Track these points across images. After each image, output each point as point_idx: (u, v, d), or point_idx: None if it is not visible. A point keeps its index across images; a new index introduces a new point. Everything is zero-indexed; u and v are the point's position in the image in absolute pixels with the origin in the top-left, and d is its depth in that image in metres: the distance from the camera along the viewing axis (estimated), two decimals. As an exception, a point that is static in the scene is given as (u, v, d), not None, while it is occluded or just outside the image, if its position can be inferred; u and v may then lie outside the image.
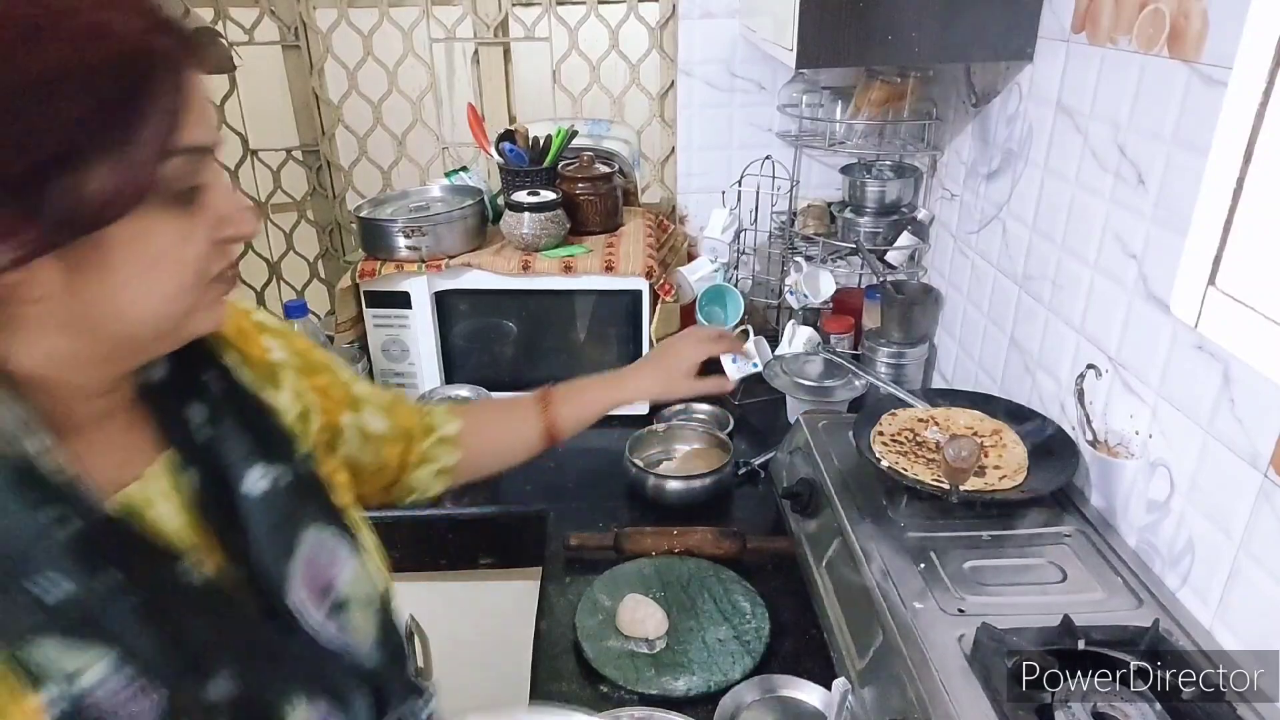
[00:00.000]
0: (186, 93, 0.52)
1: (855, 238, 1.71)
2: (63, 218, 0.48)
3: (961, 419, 1.24)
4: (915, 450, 1.18)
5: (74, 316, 0.52)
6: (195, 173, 0.54)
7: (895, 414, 1.26)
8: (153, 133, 0.50)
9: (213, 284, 0.58)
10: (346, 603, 0.67)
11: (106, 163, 0.48)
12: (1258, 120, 0.46)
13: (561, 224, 1.63)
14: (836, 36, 1.24)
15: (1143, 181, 1.01)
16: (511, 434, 1.04)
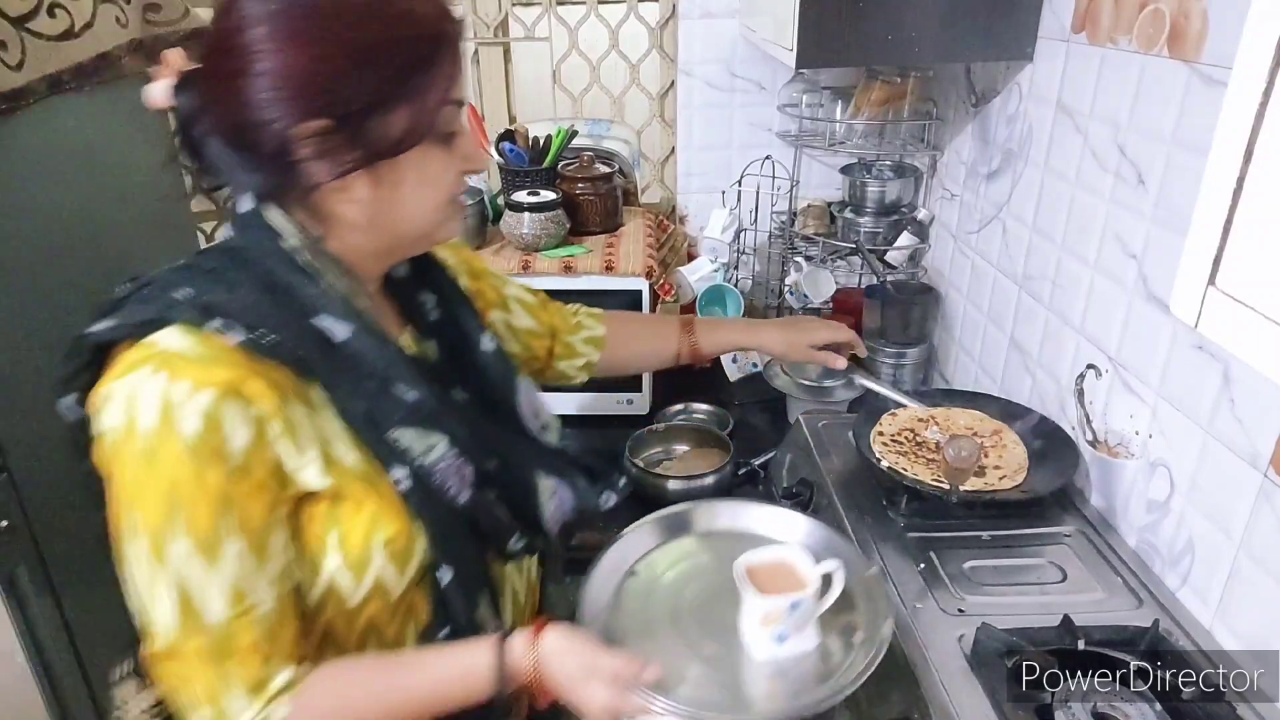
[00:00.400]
0: (457, 61, 0.73)
1: (855, 238, 1.71)
2: (374, 146, 0.69)
3: (962, 419, 1.24)
4: (915, 450, 1.17)
5: (372, 217, 0.74)
6: (456, 120, 0.75)
7: (895, 414, 1.25)
8: (437, 89, 0.71)
9: (453, 203, 0.79)
10: (549, 425, 0.94)
11: (406, 109, 0.69)
12: (1258, 120, 0.46)
13: (561, 224, 1.63)
14: (836, 36, 1.24)
15: (1143, 181, 1.01)
16: (653, 345, 1.21)
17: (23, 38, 1.12)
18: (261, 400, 0.68)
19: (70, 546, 1.23)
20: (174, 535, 0.67)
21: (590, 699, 0.76)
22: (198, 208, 1.89)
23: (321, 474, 0.72)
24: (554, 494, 0.87)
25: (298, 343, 0.71)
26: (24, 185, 1.17)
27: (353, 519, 0.73)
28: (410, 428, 0.74)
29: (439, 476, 0.75)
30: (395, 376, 0.75)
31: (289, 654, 0.72)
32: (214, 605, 0.68)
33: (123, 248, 1.37)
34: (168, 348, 0.67)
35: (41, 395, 1.19)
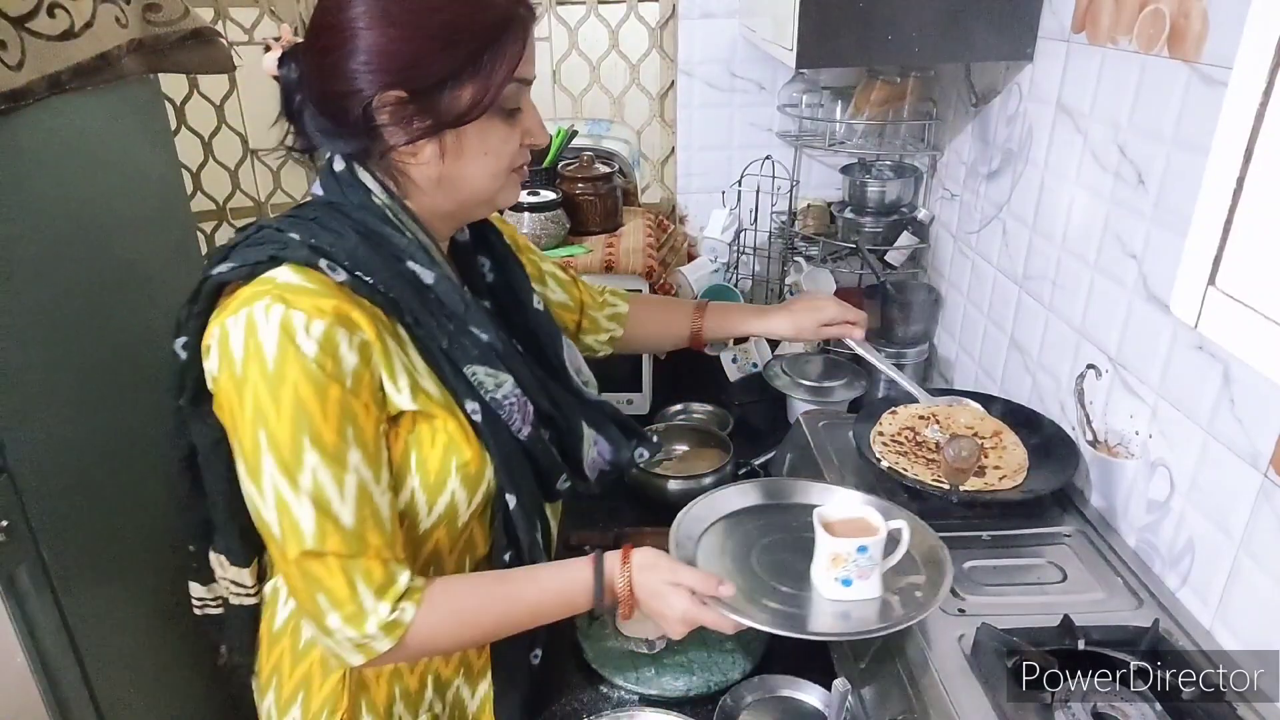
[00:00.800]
0: (526, 43, 0.80)
1: (855, 238, 1.71)
2: (442, 116, 0.78)
3: (962, 417, 1.23)
4: (915, 450, 1.17)
5: (440, 180, 0.83)
6: (520, 96, 0.83)
7: (895, 412, 1.24)
8: (504, 68, 0.78)
9: (513, 173, 0.87)
10: (589, 381, 1.03)
11: (473, 84, 0.78)
12: (1258, 120, 0.46)
13: (561, 224, 1.63)
14: (836, 36, 1.24)
15: (1143, 181, 1.01)
16: (666, 326, 1.26)
17: (22, 38, 1.12)
18: (365, 328, 0.77)
19: (70, 546, 1.23)
20: (305, 448, 0.74)
21: (671, 608, 0.86)
22: (198, 208, 1.90)
23: (410, 399, 0.80)
24: (595, 443, 0.97)
25: (392, 283, 0.80)
26: (24, 185, 1.17)
27: (432, 443, 0.82)
28: (483, 365, 0.84)
29: (506, 411, 0.85)
30: (471, 319, 0.85)
31: (402, 558, 0.81)
32: (344, 510, 0.76)
33: (123, 247, 1.37)
34: (286, 282, 0.76)
35: (42, 394, 1.19)
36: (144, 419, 1.40)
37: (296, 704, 0.93)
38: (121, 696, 1.34)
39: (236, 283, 0.78)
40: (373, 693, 0.92)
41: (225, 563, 0.94)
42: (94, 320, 1.29)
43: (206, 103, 1.87)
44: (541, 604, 0.87)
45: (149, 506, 1.41)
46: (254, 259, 0.77)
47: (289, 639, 0.94)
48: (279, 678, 0.94)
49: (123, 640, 1.36)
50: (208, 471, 0.87)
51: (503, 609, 0.86)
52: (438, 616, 0.81)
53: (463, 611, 0.84)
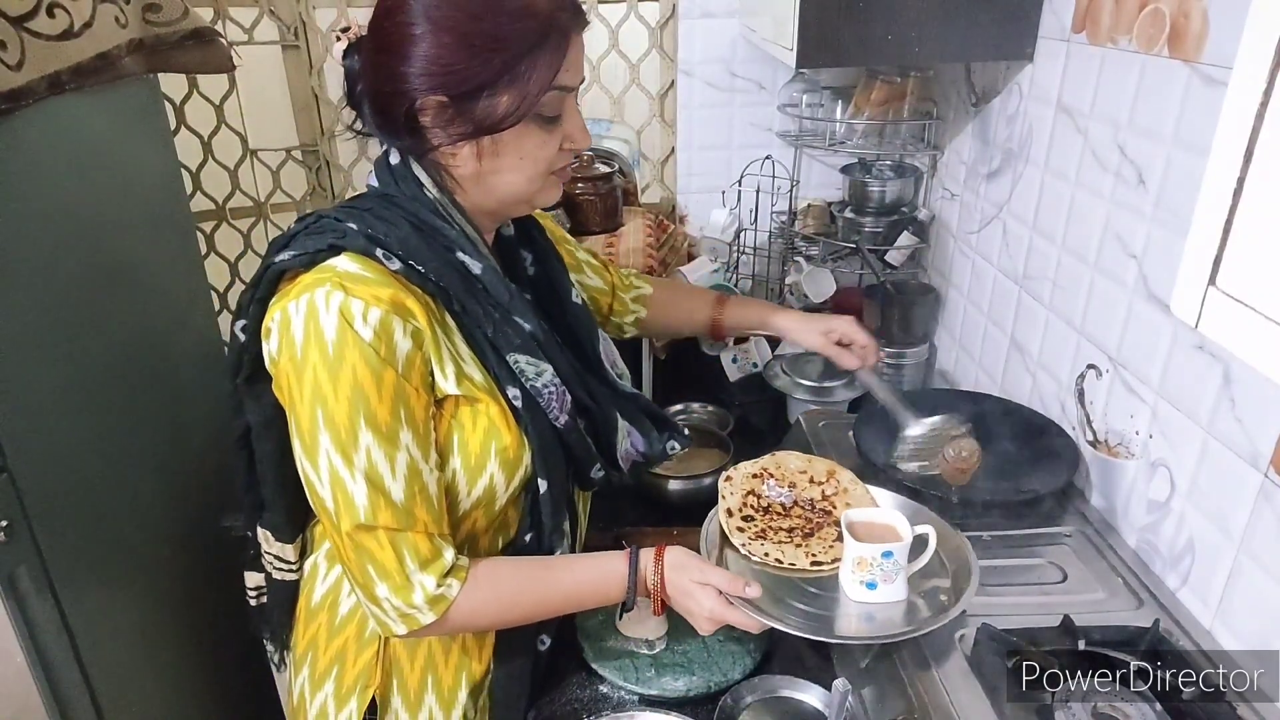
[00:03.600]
0: (566, 51, 0.81)
1: (855, 238, 1.71)
2: (480, 122, 0.81)
3: (791, 463, 1.13)
4: (769, 523, 1.03)
5: (478, 179, 0.86)
6: (560, 104, 0.84)
7: (730, 476, 1.11)
8: (540, 77, 0.80)
9: (553, 175, 0.89)
10: (623, 374, 1.06)
11: (510, 92, 0.80)
12: (1258, 120, 0.46)
13: (561, 224, 1.63)
14: (836, 36, 1.24)
15: (1143, 181, 1.01)
16: (687, 313, 1.29)
17: (22, 38, 1.12)
18: (418, 316, 0.81)
19: (70, 546, 1.23)
20: (360, 427, 0.78)
21: (699, 606, 0.88)
22: (197, 208, 1.89)
23: (455, 384, 0.84)
24: (628, 434, 1.00)
25: (442, 272, 0.84)
26: (23, 185, 1.17)
27: (474, 427, 0.85)
28: (525, 354, 0.87)
29: (545, 399, 0.88)
30: (515, 309, 0.88)
31: (447, 534, 0.84)
32: (395, 487, 0.80)
33: (123, 248, 1.37)
34: (345, 270, 0.79)
35: (41, 394, 1.19)
36: (145, 418, 1.40)
37: (330, 679, 0.96)
38: (121, 696, 1.34)
39: (298, 270, 0.82)
40: (406, 675, 0.95)
41: (270, 538, 1.00)
42: (94, 320, 1.29)
43: (206, 103, 1.86)
44: (577, 592, 0.91)
45: (150, 505, 1.41)
46: (314, 247, 0.81)
47: (326, 614, 0.97)
48: (314, 652, 0.98)
49: (122, 639, 1.36)
50: (259, 448, 0.92)
51: (541, 593, 0.90)
52: (481, 595, 0.85)
53: (504, 593, 0.87)
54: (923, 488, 1.10)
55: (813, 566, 0.97)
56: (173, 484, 1.46)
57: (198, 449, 1.53)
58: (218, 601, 1.49)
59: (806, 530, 1.01)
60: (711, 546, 1.00)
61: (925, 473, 1.16)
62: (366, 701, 0.94)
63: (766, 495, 1.07)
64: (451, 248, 0.86)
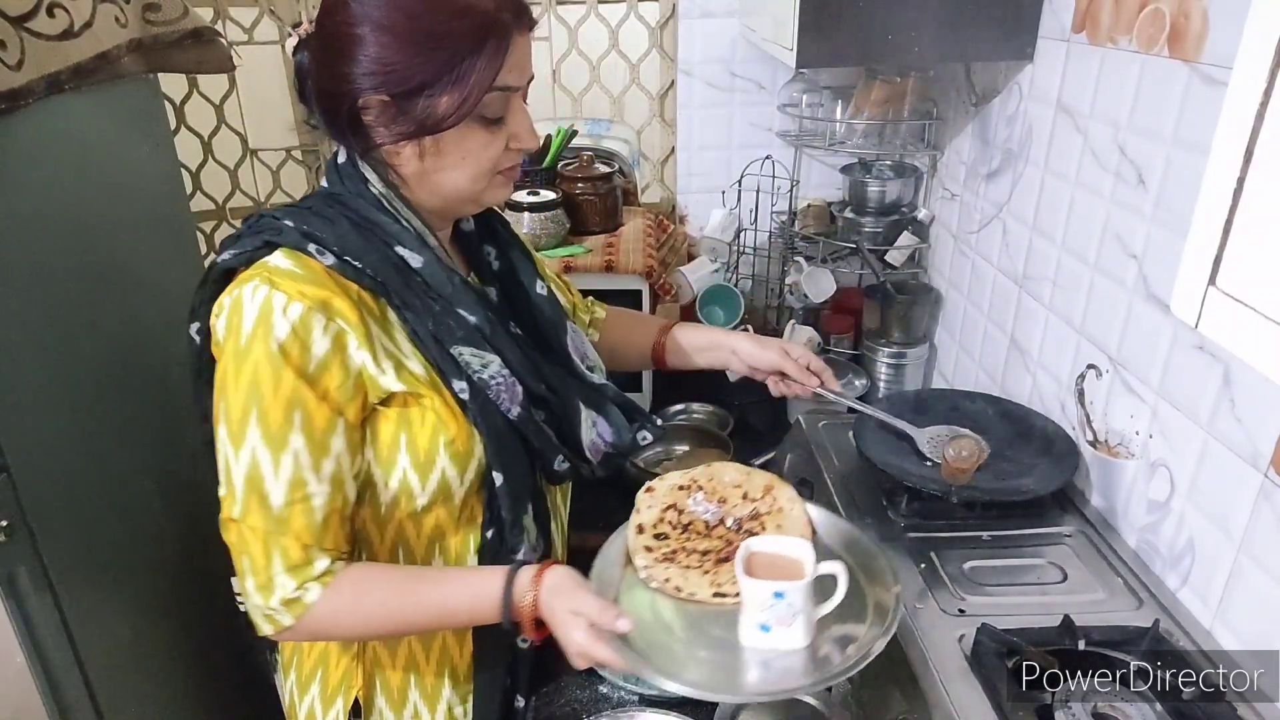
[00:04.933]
0: (509, 51, 0.80)
1: (855, 238, 1.71)
2: (420, 122, 0.80)
3: (726, 475, 1.02)
4: (685, 543, 0.94)
5: (422, 178, 0.85)
6: (504, 104, 0.83)
7: (651, 489, 1.01)
8: (481, 77, 0.78)
9: (500, 174, 0.87)
10: (595, 366, 1.03)
11: (450, 92, 0.78)
12: (1258, 120, 0.46)
13: (561, 224, 1.63)
14: (836, 36, 1.24)
15: (1143, 181, 1.01)
16: (632, 340, 1.23)
17: (22, 38, 1.12)
18: (344, 315, 0.80)
19: (70, 546, 1.23)
20: (250, 423, 0.78)
21: (569, 639, 0.80)
22: (197, 208, 1.90)
23: (395, 380, 0.83)
24: (594, 425, 0.97)
25: (379, 267, 0.83)
26: (23, 185, 1.17)
27: (420, 423, 0.84)
28: (469, 346, 0.86)
29: (494, 390, 0.86)
30: (458, 302, 0.86)
31: (330, 547, 0.83)
32: (275, 490, 0.79)
33: (122, 248, 1.37)
34: (275, 265, 0.80)
35: (41, 394, 1.19)
36: (144, 418, 1.40)
37: (316, 681, 0.96)
38: (121, 696, 1.34)
39: (240, 268, 0.82)
40: (388, 675, 0.95)
41: None
42: (94, 320, 1.29)
43: (206, 103, 1.86)
44: (445, 609, 0.86)
45: (149, 506, 1.41)
46: (252, 245, 0.82)
47: None
48: (299, 656, 0.97)
49: (122, 639, 1.36)
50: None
51: (405, 607, 0.85)
52: (340, 601, 0.82)
53: (366, 602, 0.84)
54: (923, 487, 1.10)
55: (714, 598, 0.86)
56: (172, 484, 1.46)
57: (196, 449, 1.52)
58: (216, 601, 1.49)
59: (723, 555, 0.90)
60: (610, 566, 0.91)
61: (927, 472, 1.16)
62: (350, 702, 0.94)
63: (690, 511, 0.96)
64: (391, 242, 0.85)
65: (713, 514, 0.96)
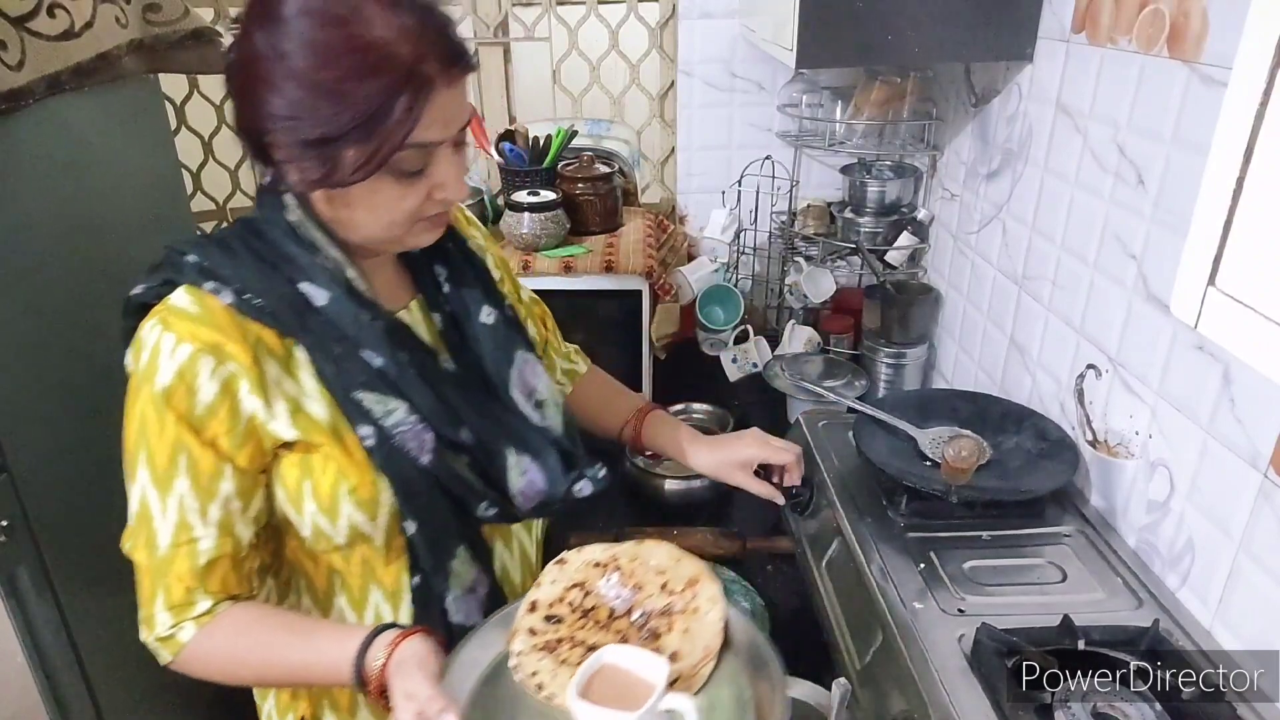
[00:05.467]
0: (428, 105, 0.72)
1: (855, 238, 1.71)
2: (327, 172, 0.74)
3: (653, 559, 0.87)
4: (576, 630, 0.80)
5: (334, 220, 0.81)
6: (423, 158, 0.76)
7: (564, 560, 0.88)
8: (392, 135, 0.72)
9: (424, 220, 0.81)
10: (544, 402, 0.94)
11: (357, 148, 0.72)
12: (1258, 120, 0.46)
13: (561, 224, 1.63)
14: (836, 36, 1.24)
15: (1143, 181, 1.01)
16: (608, 410, 1.18)
17: (23, 38, 1.12)
18: (236, 359, 0.77)
19: (70, 546, 1.23)
20: (140, 463, 0.78)
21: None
22: (197, 208, 1.90)
23: (289, 426, 0.79)
24: (524, 472, 0.89)
25: (279, 305, 0.79)
26: (23, 185, 1.17)
27: (322, 469, 0.81)
28: (370, 392, 0.80)
29: (399, 438, 0.81)
30: (364, 342, 0.81)
31: (216, 590, 0.81)
32: (162, 531, 0.78)
33: (122, 248, 1.37)
34: (173, 304, 0.78)
35: (42, 394, 1.19)
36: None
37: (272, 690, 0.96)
38: (121, 696, 1.34)
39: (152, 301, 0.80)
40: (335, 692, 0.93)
41: None
42: (93, 321, 1.29)
43: (206, 103, 1.87)
44: (305, 668, 0.82)
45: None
46: (157, 280, 0.81)
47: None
48: None
49: (122, 640, 1.36)
50: None
51: (271, 659, 0.82)
52: (213, 644, 0.81)
53: (237, 648, 0.82)
54: (923, 487, 1.10)
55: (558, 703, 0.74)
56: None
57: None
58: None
59: None
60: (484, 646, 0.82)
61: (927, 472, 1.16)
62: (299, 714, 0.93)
63: (599, 593, 0.84)
64: (296, 278, 0.80)
65: (622, 601, 0.83)
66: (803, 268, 1.72)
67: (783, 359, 1.67)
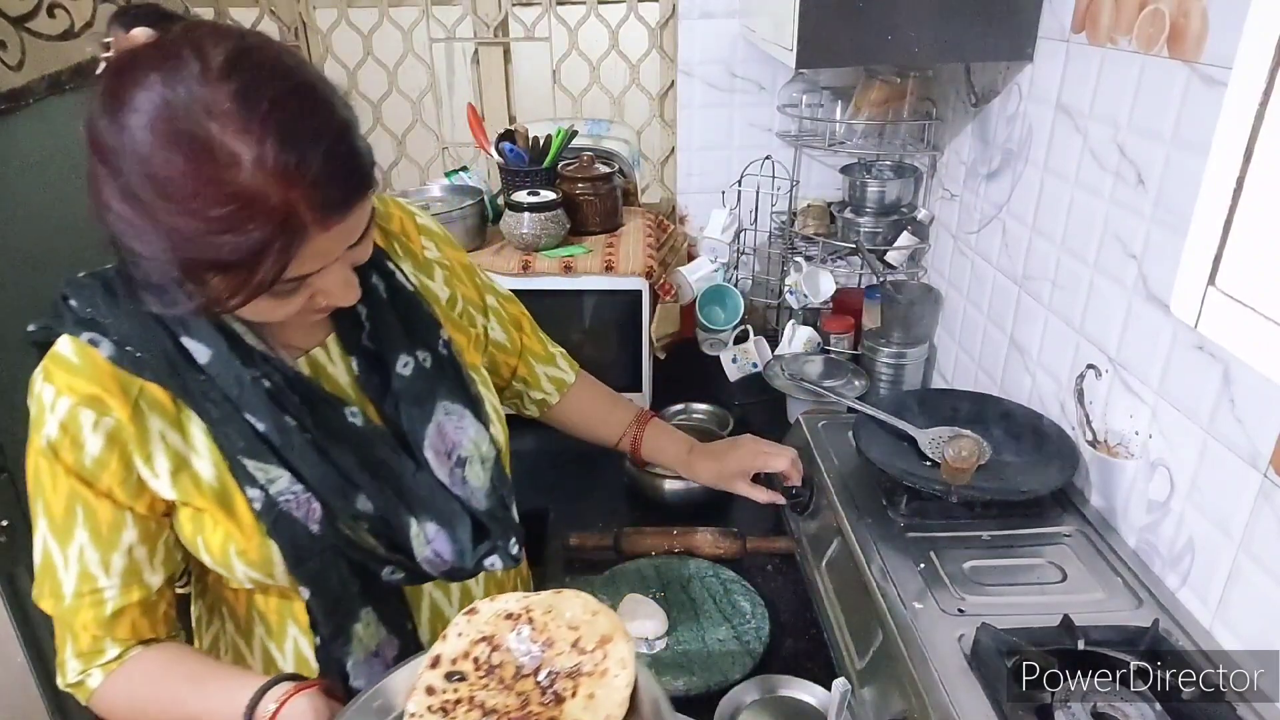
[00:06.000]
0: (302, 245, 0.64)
1: (855, 238, 1.71)
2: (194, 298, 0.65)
3: (569, 610, 0.77)
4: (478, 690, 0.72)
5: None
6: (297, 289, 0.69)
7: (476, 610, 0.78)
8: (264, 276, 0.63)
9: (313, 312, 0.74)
10: (467, 459, 0.87)
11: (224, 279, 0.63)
12: (1258, 120, 0.46)
13: (561, 224, 1.63)
14: (836, 36, 1.24)
15: (1143, 181, 1.01)
16: (604, 419, 1.16)
17: (23, 38, 1.12)
18: (118, 412, 0.73)
19: (70, 546, 1.23)
20: (39, 512, 0.76)
21: None
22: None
23: (169, 487, 0.76)
24: (429, 541, 0.83)
25: (160, 361, 0.74)
26: (23, 185, 1.17)
27: (211, 529, 0.77)
28: (251, 458, 0.75)
29: (284, 505, 0.76)
30: (246, 405, 0.75)
31: (125, 637, 0.79)
32: (66, 582, 0.77)
33: (123, 248, 1.37)
34: (57, 353, 0.74)
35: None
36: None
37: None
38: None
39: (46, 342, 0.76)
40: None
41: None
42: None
43: (206, 103, 1.86)
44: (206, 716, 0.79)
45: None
46: (42, 323, 0.77)
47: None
48: None
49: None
50: None
51: (168, 711, 0.80)
52: (118, 690, 0.80)
53: (140, 694, 0.80)
54: (923, 487, 1.10)
55: None
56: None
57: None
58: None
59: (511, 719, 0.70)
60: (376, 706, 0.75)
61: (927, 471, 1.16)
62: None
63: (507, 647, 0.76)
64: (178, 332, 0.74)
65: (530, 659, 0.75)
66: (803, 268, 1.72)
67: (783, 359, 1.67)
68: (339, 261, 0.70)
